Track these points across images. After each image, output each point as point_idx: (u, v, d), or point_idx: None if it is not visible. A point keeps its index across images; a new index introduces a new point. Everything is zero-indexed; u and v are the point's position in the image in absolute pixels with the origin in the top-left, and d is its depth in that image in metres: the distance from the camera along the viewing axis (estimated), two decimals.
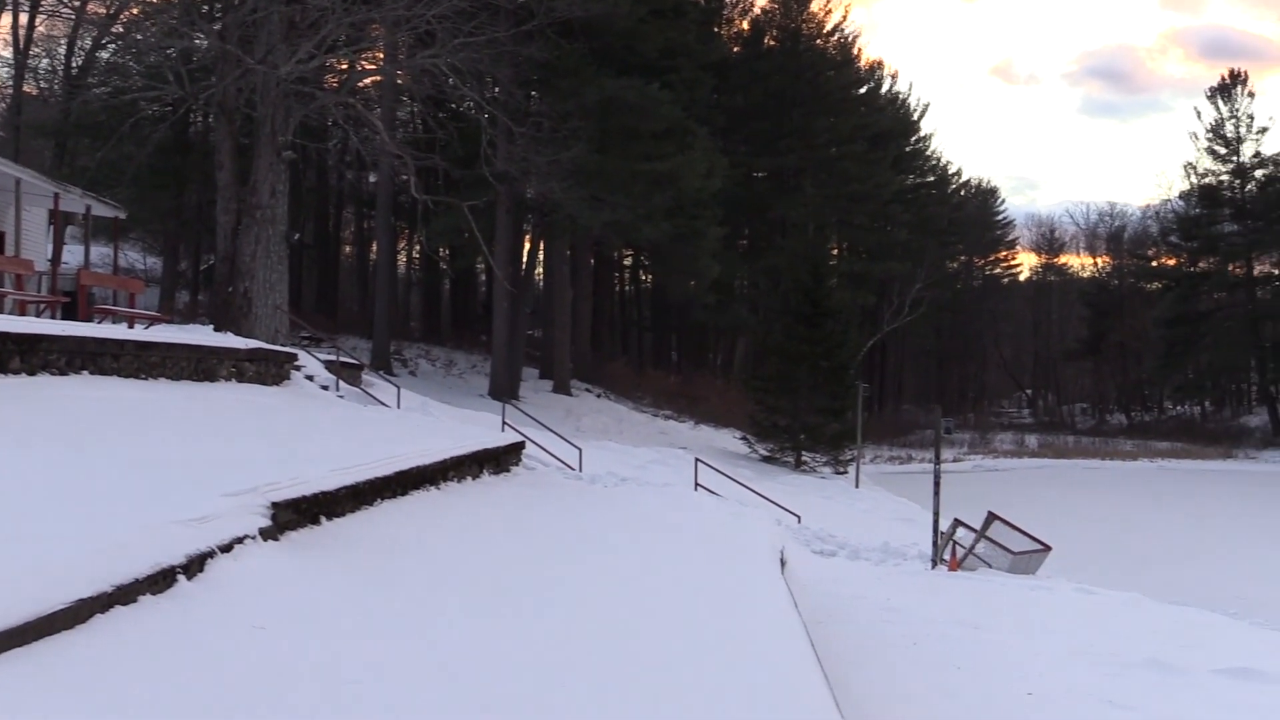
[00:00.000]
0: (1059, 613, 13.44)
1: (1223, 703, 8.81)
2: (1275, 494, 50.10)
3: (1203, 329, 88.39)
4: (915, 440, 71.69)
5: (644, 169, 44.45)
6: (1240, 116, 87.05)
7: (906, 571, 18.98)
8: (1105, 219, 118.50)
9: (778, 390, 44.85)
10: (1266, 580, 25.89)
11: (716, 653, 7.12)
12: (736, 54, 70.48)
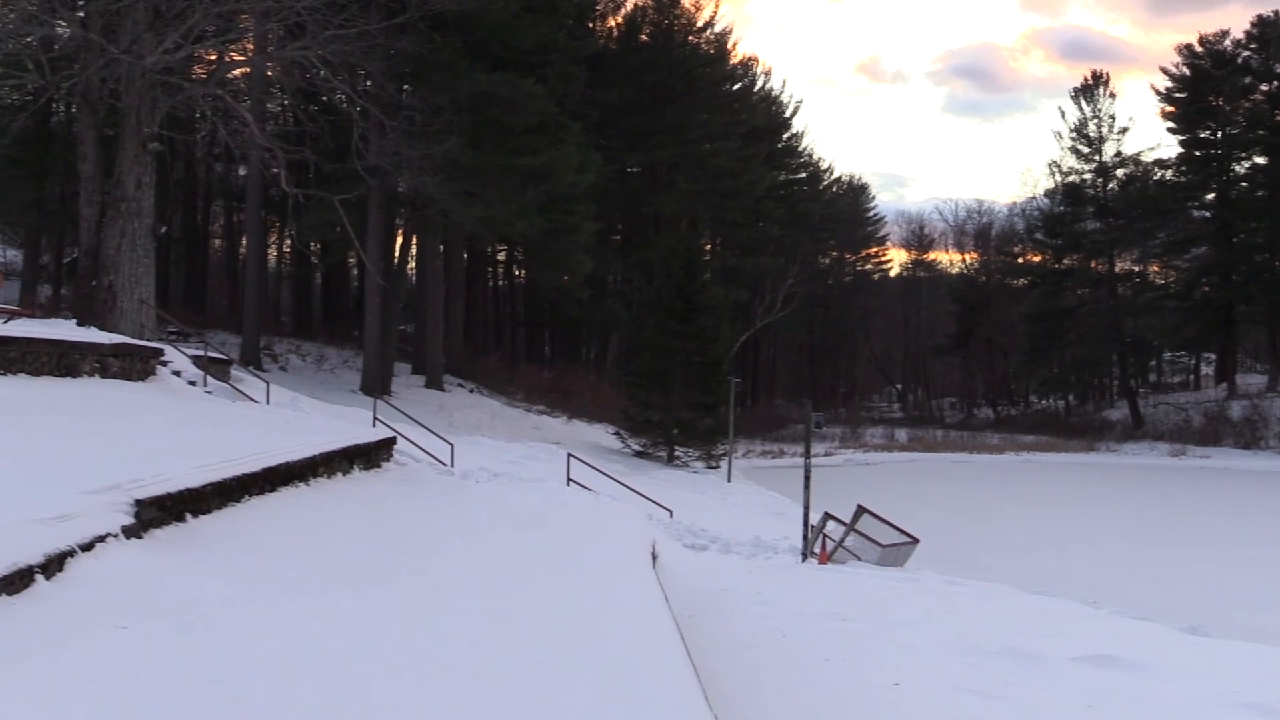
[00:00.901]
0: (926, 604, 13.61)
1: (1081, 689, 8.99)
2: (1134, 486, 51.11)
3: (1067, 325, 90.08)
4: (787, 435, 72.13)
5: (517, 164, 44.30)
6: (1102, 117, 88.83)
7: (777, 565, 19.13)
8: (973, 216, 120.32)
9: (650, 385, 44.94)
10: (1124, 570, 26.43)
11: (585, 647, 7.14)
12: (610, 49, 70.49)
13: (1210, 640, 13.34)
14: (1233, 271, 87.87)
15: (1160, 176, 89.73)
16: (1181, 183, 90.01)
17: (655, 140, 69.34)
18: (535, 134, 46.23)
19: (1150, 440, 76.51)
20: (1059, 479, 54.58)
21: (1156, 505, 43.50)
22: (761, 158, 79.79)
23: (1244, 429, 73.73)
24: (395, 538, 11.46)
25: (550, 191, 46.46)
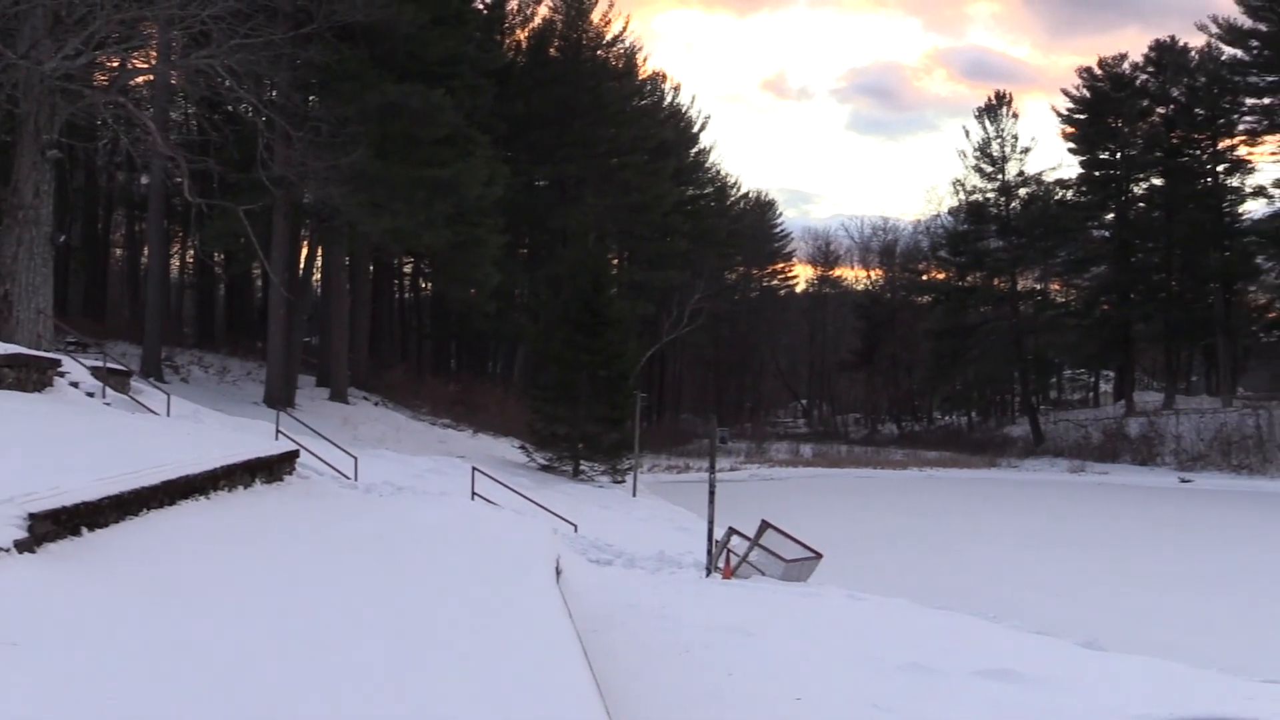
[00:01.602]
0: (828, 618, 13.68)
1: (981, 703, 9.07)
2: (1034, 502, 51.74)
3: (970, 342, 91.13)
4: (693, 449, 72.36)
5: (424, 175, 44.12)
6: (1005, 136, 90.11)
7: (681, 579, 19.15)
8: (878, 233, 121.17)
9: (557, 399, 44.87)
10: (1024, 584, 26.75)
11: (487, 662, 7.10)
12: (519, 63, 70.52)
13: (1107, 654, 13.50)
14: (1131, 291, 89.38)
15: (1061, 196, 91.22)
16: (1081, 203, 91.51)
17: (563, 154, 69.37)
18: (443, 146, 46.04)
19: (1051, 456, 77.56)
20: (961, 495, 55.15)
21: (1056, 521, 44.04)
22: (669, 173, 80.00)
23: (1141, 446, 74.89)
24: (298, 551, 11.35)
25: (458, 204, 46.31)
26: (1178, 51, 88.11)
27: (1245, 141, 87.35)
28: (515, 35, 73.64)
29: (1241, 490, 59.79)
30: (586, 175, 71.48)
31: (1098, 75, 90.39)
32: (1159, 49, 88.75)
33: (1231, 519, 45.65)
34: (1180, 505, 51.05)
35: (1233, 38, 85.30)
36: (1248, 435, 70.19)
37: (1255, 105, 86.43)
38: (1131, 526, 42.48)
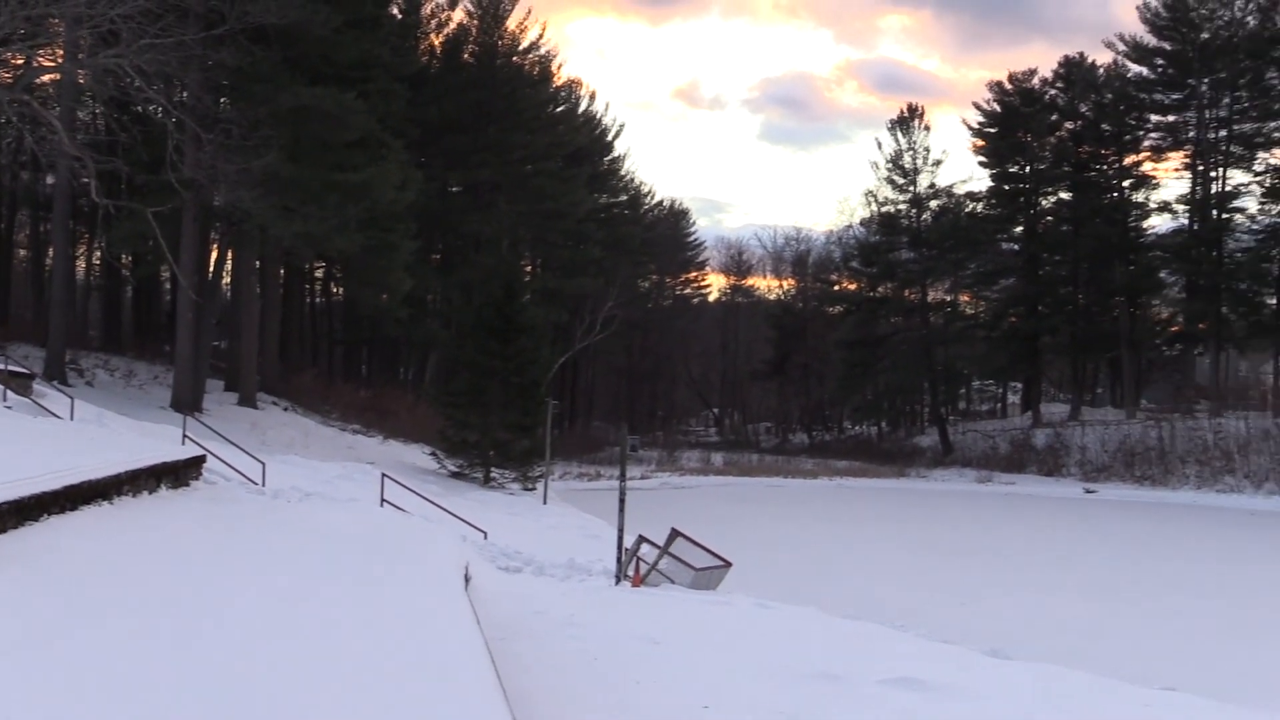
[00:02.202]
0: (737, 627, 13.70)
1: (888, 711, 9.12)
2: (942, 512, 52.15)
3: (880, 352, 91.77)
4: (604, 457, 72.33)
5: (337, 180, 43.79)
6: (917, 149, 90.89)
7: (591, 587, 19.12)
8: (791, 243, 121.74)
9: (468, 406, 44.65)
10: (931, 593, 26.95)
11: (394, 670, 7.05)
12: (433, 68, 70.25)
13: (1011, 662, 13.64)
14: (1038, 303, 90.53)
15: (971, 209, 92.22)
16: (991, 216, 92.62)
17: (477, 160, 69.13)
18: (356, 150, 45.74)
19: (959, 466, 78.22)
20: (870, 504, 55.50)
21: (962, 530, 44.43)
22: (583, 180, 79.92)
23: (1047, 457, 75.74)
24: (202, 557, 11.23)
25: (370, 208, 45.98)
26: (1086, 68, 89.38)
27: (1150, 158, 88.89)
28: (430, 40, 73.34)
29: (1144, 501, 60.62)
30: (500, 181, 71.28)
31: (1008, 90, 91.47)
32: (1067, 65, 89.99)
33: (1134, 529, 46.24)
34: (1084, 516, 51.64)
35: (1139, 55, 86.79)
36: (1150, 447, 71.16)
37: (1160, 122, 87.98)
38: (1036, 536, 42.93)
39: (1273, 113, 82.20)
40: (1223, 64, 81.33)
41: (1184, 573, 33.17)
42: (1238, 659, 20.14)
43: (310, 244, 47.46)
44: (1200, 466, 67.40)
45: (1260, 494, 61.66)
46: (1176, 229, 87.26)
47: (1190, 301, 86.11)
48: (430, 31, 73.47)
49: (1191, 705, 11.51)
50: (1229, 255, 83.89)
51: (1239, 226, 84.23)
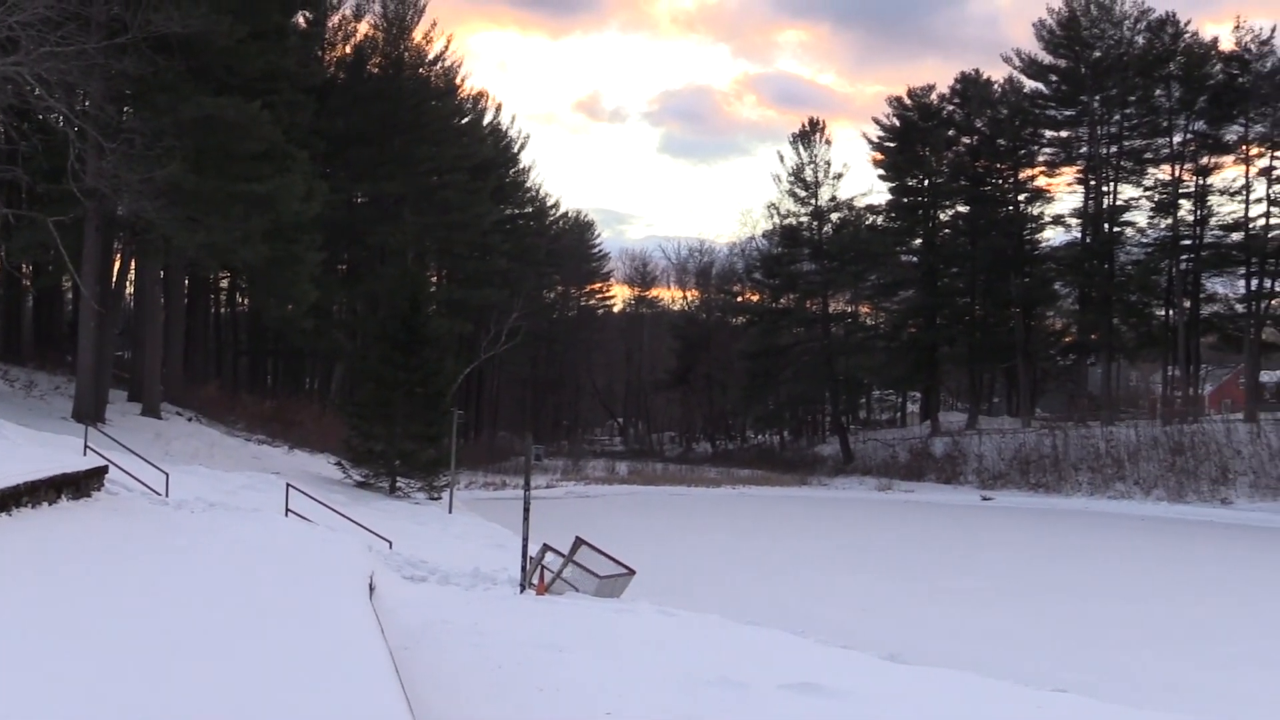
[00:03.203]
0: (640, 634, 13.72)
1: (788, 716, 9.17)
2: (843, 519, 52.51)
3: (783, 362, 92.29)
4: (510, 467, 72.11)
5: (242, 190, 43.32)
6: (818, 162, 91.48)
7: (496, 596, 19.07)
8: (694, 254, 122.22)
9: (373, 416, 44.35)
10: (830, 600, 27.13)
11: (295, 680, 6.99)
12: (339, 79, 69.78)
13: (909, 667, 13.76)
14: (937, 314, 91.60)
15: (871, 222, 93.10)
16: (891, 228, 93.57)
17: (383, 171, 68.71)
18: (260, 161, 45.27)
19: (859, 475, 78.79)
20: (772, 512, 55.74)
21: (862, 538, 44.73)
22: (489, 192, 79.63)
23: (945, 465, 76.51)
24: (103, 567, 11.07)
25: (275, 219, 45.55)
26: (982, 84, 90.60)
27: (1044, 172, 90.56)
28: (336, 52, 72.83)
29: (1039, 507, 61.37)
30: (406, 193, 70.85)
31: (907, 105, 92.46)
32: (964, 81, 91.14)
33: (1029, 536, 46.80)
34: (981, 523, 52.20)
35: (1033, 72, 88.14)
36: (1045, 455, 72.10)
37: (1054, 138, 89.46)
38: (935, 543, 43.33)
39: (1161, 130, 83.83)
40: (1113, 82, 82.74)
41: (1076, 578, 33.60)
42: (1128, 661, 20.44)
43: (215, 255, 46.90)
44: (1093, 474, 68.40)
45: (1150, 500, 62.68)
46: (1070, 242, 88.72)
47: (1083, 313, 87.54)
48: (336, 43, 72.95)
49: (1081, 706, 11.67)
50: (1120, 268, 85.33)
51: (1129, 240, 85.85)
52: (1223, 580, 33.64)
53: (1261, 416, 69.73)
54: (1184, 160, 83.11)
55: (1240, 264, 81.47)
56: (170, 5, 36.65)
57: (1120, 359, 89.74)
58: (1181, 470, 64.62)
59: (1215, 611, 27.28)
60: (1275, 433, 64.08)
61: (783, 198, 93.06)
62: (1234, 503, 59.59)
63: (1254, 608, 28.03)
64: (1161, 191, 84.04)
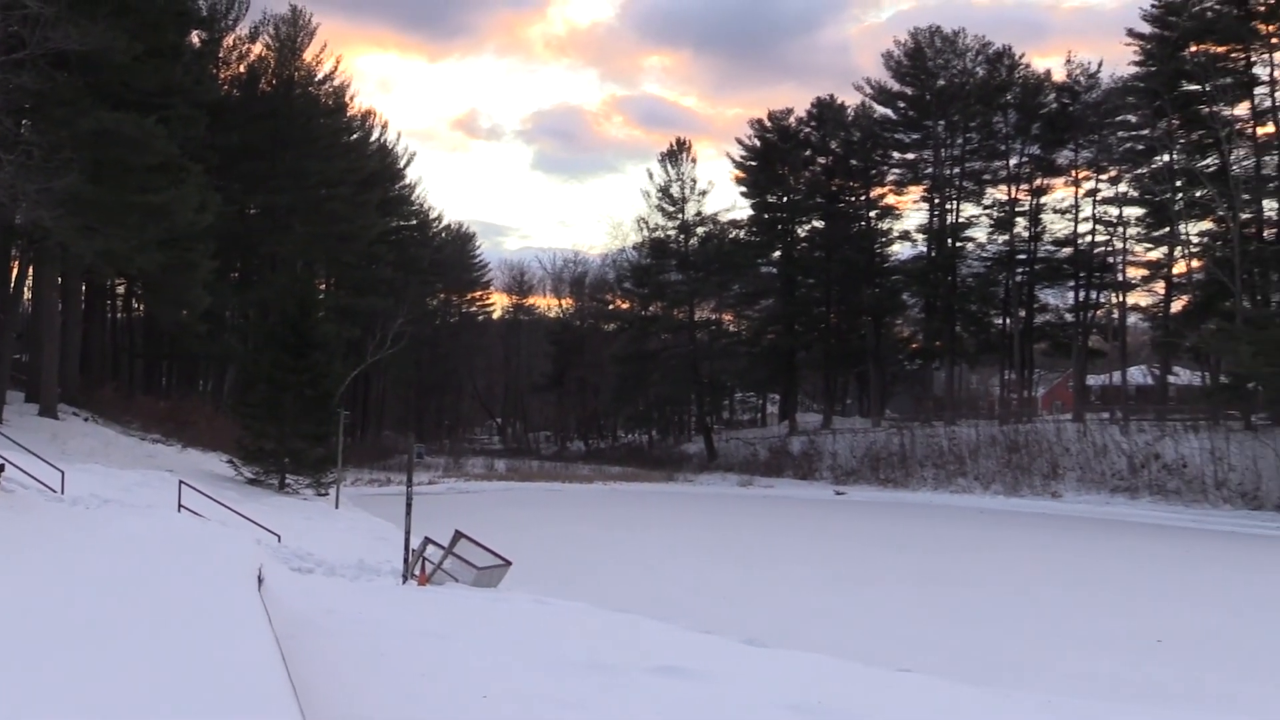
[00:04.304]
0: (515, 622, 13.67)
1: (653, 697, 9.19)
2: (707, 512, 52.74)
3: (651, 366, 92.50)
4: (394, 464, 71.56)
5: (138, 201, 42.60)
6: (685, 179, 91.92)
7: (379, 586, 18.92)
8: (569, 265, 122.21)
9: (264, 416, 43.84)
10: (695, 587, 27.24)
11: (183, 666, 6.88)
12: (233, 96, 68.85)
13: (765, 650, 13.85)
14: (794, 322, 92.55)
15: (734, 235, 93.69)
16: (752, 242, 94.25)
17: (274, 184, 67.91)
18: (156, 173, 44.56)
19: (722, 471, 79.20)
20: (641, 506, 55.88)
21: (725, 529, 44.95)
22: (375, 204, 79.08)
23: (802, 462, 77.19)
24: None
25: (170, 229, 44.88)
26: (836, 109, 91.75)
27: (893, 190, 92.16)
28: (230, 70, 71.90)
29: (888, 501, 62.14)
30: (296, 205, 70.05)
31: (767, 127, 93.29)
32: (820, 105, 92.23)
33: (879, 527, 47.34)
34: (835, 515, 52.73)
35: (883, 99, 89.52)
36: (893, 452, 73.05)
37: (901, 159, 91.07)
38: (791, 534, 43.67)
39: (999, 153, 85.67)
40: (956, 109, 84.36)
41: (922, 565, 34.06)
42: (968, 640, 20.77)
43: (111, 262, 46.08)
44: (937, 470, 69.41)
45: (988, 494, 63.76)
46: (916, 255, 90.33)
47: (928, 321, 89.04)
48: (231, 62, 72.08)
49: (924, 684, 11.84)
50: (961, 280, 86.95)
51: (970, 254, 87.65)
52: (1055, 565, 34.29)
53: (1087, 417, 71.29)
54: (1020, 181, 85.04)
55: (1070, 277, 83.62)
56: (68, 23, 35.88)
57: (962, 364, 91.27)
58: (1017, 466, 65.80)
59: (1050, 595, 27.79)
60: (1100, 432, 65.48)
61: (652, 212, 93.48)
62: (1063, 496, 60.77)
63: (1083, 590, 28.59)
64: (999, 210, 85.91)
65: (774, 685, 10.44)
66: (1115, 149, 76.67)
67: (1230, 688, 16.83)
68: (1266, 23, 66.43)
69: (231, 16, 70.94)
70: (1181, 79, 69.64)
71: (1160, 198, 71.59)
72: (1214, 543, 41.97)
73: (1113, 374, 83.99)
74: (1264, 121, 67.94)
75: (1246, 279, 62.54)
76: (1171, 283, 74.07)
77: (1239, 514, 52.05)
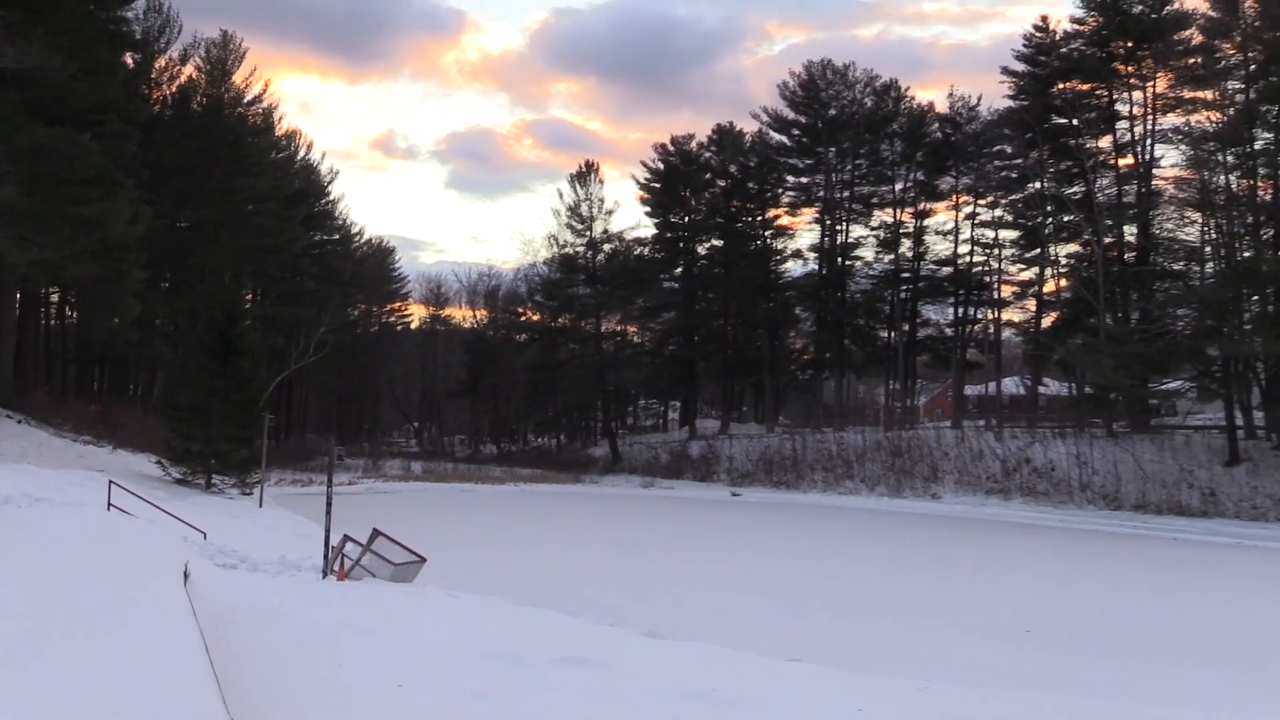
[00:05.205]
0: (430, 615, 13.59)
1: (559, 687, 9.18)
2: (612, 512, 52.72)
3: (560, 374, 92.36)
4: (316, 465, 70.80)
5: (71, 213, 41.96)
6: (593, 199, 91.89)
7: (301, 582, 18.70)
8: (483, 278, 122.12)
9: (192, 419, 43.31)
10: (599, 582, 27.20)
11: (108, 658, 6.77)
12: (165, 114, 68.06)
13: (666, 641, 13.88)
14: (695, 334, 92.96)
15: (639, 252, 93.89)
16: (656, 258, 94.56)
17: (204, 199, 67.13)
18: (90, 186, 43.91)
19: (626, 474, 79.23)
20: (550, 506, 55.72)
21: (628, 528, 44.96)
22: (300, 219, 78.46)
23: (701, 465, 77.37)
24: None
25: (102, 240, 44.25)
26: (735, 135, 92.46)
27: (787, 212, 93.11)
28: (163, 90, 71.07)
29: (780, 502, 62.44)
30: (225, 219, 69.31)
31: (670, 151, 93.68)
32: (719, 132, 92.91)
33: (772, 526, 47.55)
34: (731, 515, 52.89)
35: (779, 126, 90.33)
36: (786, 456, 73.44)
37: (795, 183, 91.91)
38: (690, 532, 43.75)
39: (886, 178, 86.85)
40: (846, 136, 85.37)
41: (811, 562, 34.28)
42: (853, 632, 20.93)
43: (45, 271, 45.30)
44: (826, 473, 69.86)
45: (874, 495, 64.31)
46: (808, 273, 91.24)
47: (819, 334, 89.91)
48: (163, 82, 71.23)
49: (812, 673, 11.93)
50: (850, 296, 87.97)
51: (859, 272, 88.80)
52: (934, 562, 34.66)
53: (965, 424, 72.23)
54: (904, 205, 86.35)
55: (950, 294, 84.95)
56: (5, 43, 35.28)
57: (850, 374, 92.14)
58: (900, 470, 66.44)
59: (929, 588, 28.08)
60: (976, 438, 66.33)
61: (562, 230, 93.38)
62: (942, 497, 61.46)
63: (959, 584, 28.91)
64: (886, 231, 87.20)
65: (672, 674, 10.47)
66: (992, 176, 78.07)
67: (1094, 673, 17.10)
68: (1126, 64, 68.41)
69: (164, 39, 70.33)
70: (1051, 113, 71.18)
71: (1032, 222, 73.05)
72: (1078, 540, 42.66)
73: (988, 384, 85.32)
74: (1125, 154, 69.87)
75: (1109, 298, 63.77)
76: (1041, 300, 75.50)
77: (1101, 514, 52.98)
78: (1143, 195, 66.76)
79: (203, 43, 73.19)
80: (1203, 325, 56.78)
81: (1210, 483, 52.56)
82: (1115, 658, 18.67)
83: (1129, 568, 34.09)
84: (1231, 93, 56.82)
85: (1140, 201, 66.49)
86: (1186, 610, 25.21)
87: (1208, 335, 55.41)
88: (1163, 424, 64.60)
